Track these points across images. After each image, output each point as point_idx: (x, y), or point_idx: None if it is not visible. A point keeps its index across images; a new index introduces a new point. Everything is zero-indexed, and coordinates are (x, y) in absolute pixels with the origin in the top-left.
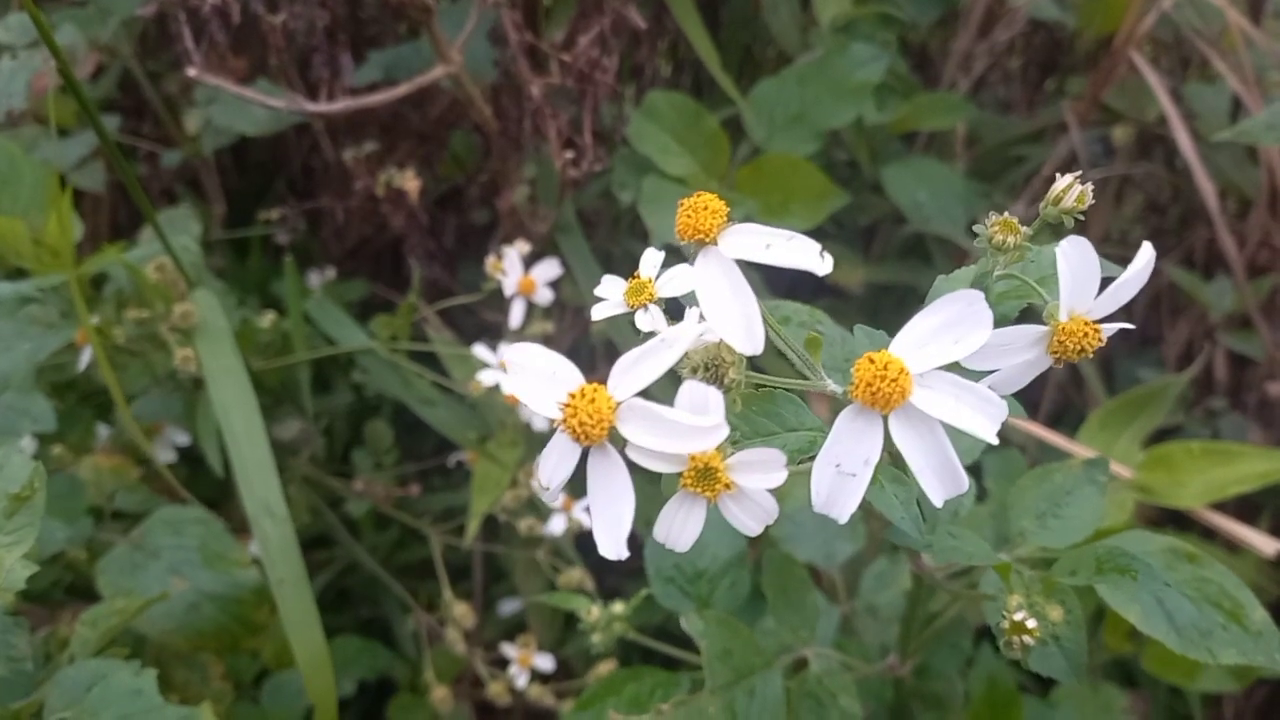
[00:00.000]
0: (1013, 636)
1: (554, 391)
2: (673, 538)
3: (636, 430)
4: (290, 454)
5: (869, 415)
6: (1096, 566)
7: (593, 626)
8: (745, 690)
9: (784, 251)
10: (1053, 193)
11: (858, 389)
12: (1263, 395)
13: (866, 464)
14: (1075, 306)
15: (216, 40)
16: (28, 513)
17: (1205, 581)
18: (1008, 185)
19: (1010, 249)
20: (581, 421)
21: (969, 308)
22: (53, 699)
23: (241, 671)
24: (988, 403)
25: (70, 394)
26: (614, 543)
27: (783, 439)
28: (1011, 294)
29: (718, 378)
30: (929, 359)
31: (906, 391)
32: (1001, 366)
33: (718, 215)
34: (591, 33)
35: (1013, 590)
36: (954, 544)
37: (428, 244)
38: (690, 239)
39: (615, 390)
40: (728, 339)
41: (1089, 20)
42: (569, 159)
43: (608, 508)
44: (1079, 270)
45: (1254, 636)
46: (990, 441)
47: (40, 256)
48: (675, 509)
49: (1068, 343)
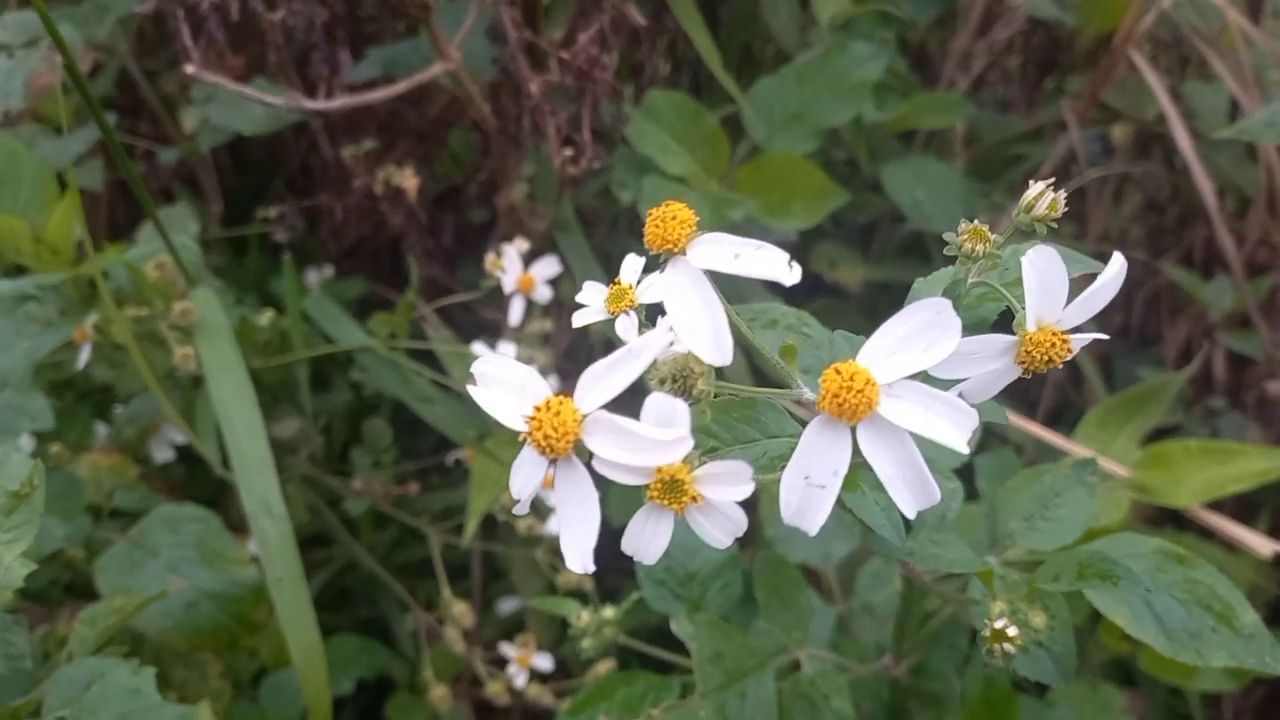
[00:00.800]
0: (994, 645)
1: (521, 404)
2: (640, 550)
3: (602, 443)
4: (289, 452)
5: (837, 426)
6: (1079, 572)
7: (583, 631)
8: (737, 693)
9: (752, 261)
10: (1025, 200)
11: (824, 400)
12: (1262, 394)
13: (835, 475)
14: (1043, 316)
15: (214, 38)
16: (26, 510)
17: (1195, 583)
18: (1007, 184)
19: (980, 257)
20: (546, 435)
21: (937, 316)
22: (51, 697)
23: (240, 670)
24: (958, 412)
25: (68, 392)
26: (580, 556)
27: (764, 445)
28: (990, 296)
29: (686, 389)
30: (897, 368)
31: (873, 402)
32: (970, 375)
33: (686, 225)
34: (591, 30)
35: (996, 596)
36: (936, 551)
37: (426, 242)
38: (659, 249)
39: (582, 402)
40: (695, 350)
41: (1088, 19)
42: (568, 157)
43: (574, 521)
44: (1047, 280)
45: (1244, 638)
46: (961, 452)
47: (40, 254)
48: (643, 521)
49: (1035, 353)
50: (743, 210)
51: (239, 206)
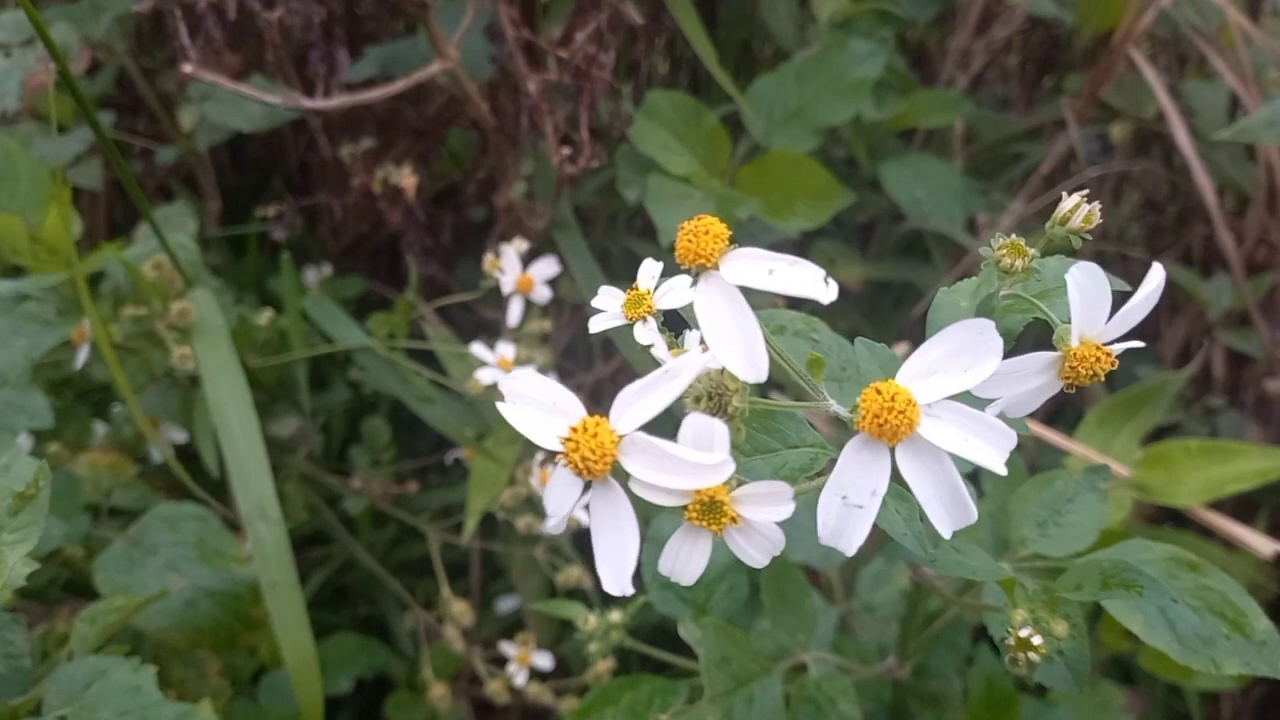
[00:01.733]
0: (1018, 653)
1: (555, 423)
2: (678, 571)
3: (640, 465)
4: (288, 451)
5: (876, 446)
6: (1102, 581)
7: (590, 636)
8: (744, 698)
9: (787, 278)
10: (1060, 212)
11: (865, 420)
12: (1261, 393)
13: (874, 495)
14: (1086, 331)
15: (212, 36)
16: (32, 511)
17: (1208, 590)
18: (1005, 182)
19: (1019, 272)
20: (584, 456)
21: (978, 336)
22: (51, 696)
23: (239, 669)
24: (996, 432)
25: (67, 391)
26: (619, 579)
27: (784, 456)
28: (1017, 307)
29: (721, 406)
30: (937, 389)
31: (914, 423)
32: (1010, 394)
33: (719, 240)
34: (588, 29)
35: (1017, 604)
36: (958, 559)
37: (425, 241)
38: (691, 264)
39: (618, 423)
40: (730, 367)
41: (1087, 17)
42: (566, 156)
43: (612, 543)
44: (1090, 295)
45: (1257, 645)
46: (999, 473)
47: (37, 254)
48: (680, 542)
49: (1080, 368)
50: (748, 209)
51: (237, 205)
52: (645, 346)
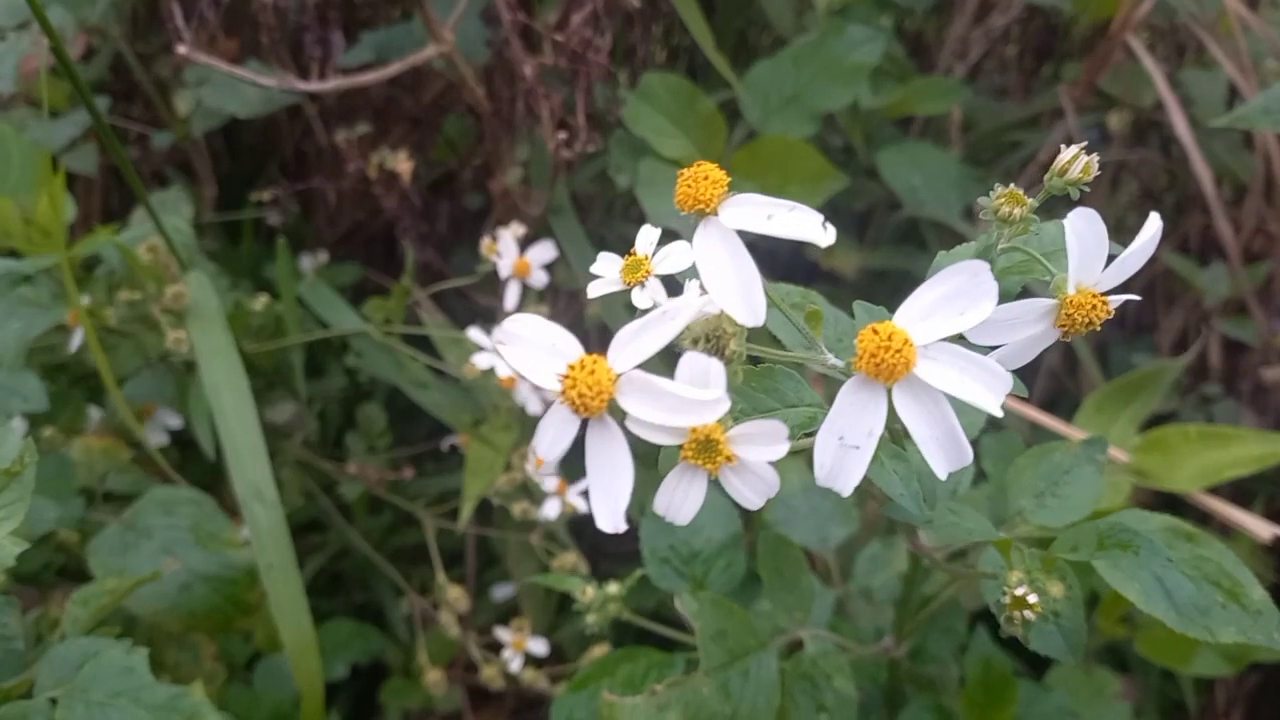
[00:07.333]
0: (1014, 611)
1: (553, 363)
2: (673, 510)
3: (636, 403)
4: (283, 437)
5: (872, 387)
6: (1098, 542)
7: (588, 607)
8: (740, 671)
9: (786, 222)
10: (1058, 163)
11: (861, 360)
12: (1257, 381)
13: (870, 436)
14: (1083, 279)
15: (207, 19)
16: (17, 488)
17: (1204, 560)
18: (1003, 170)
19: (1016, 221)
20: (581, 393)
21: (974, 279)
22: (43, 676)
23: (234, 653)
24: (992, 375)
25: (62, 376)
26: (612, 515)
27: (782, 415)
28: (1015, 269)
29: (719, 349)
30: (933, 330)
31: (911, 362)
32: (1007, 341)
33: (718, 185)
34: (584, 12)
35: (1013, 567)
36: (955, 520)
37: (420, 227)
38: (690, 209)
39: (615, 362)
40: (728, 310)
41: (1085, 6)
42: (562, 140)
43: (607, 480)
44: (1087, 242)
45: (1253, 615)
46: (995, 414)
47: (31, 237)
48: (676, 481)
49: (1076, 315)
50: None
51: (233, 191)
52: (644, 312)
